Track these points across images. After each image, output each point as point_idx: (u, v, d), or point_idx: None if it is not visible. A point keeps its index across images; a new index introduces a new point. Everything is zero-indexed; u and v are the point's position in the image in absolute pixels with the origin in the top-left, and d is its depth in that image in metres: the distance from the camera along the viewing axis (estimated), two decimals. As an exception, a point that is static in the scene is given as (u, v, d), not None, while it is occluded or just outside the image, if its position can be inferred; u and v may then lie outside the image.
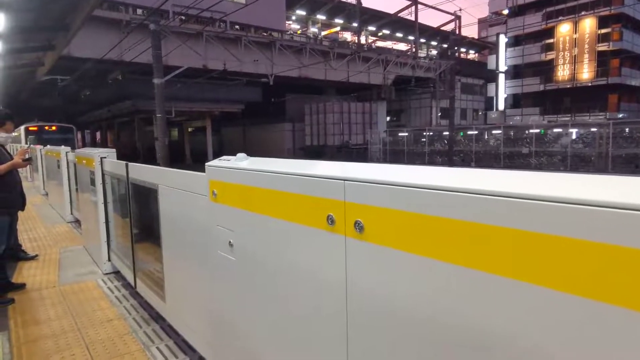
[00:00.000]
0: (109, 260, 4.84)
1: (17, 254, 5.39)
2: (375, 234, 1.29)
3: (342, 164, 1.66)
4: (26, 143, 17.75)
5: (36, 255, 5.58)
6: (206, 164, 2.26)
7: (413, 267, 1.20)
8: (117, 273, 4.77)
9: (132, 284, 4.09)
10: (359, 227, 1.34)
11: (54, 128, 23.67)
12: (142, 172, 3.57)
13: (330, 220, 1.45)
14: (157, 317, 3.56)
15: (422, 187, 1.16)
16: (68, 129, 24.39)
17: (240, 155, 2.13)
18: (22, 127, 22.29)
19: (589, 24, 35.71)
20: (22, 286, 4.41)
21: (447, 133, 28.40)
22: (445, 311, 1.13)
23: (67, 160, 7.76)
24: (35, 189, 12.13)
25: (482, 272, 1.04)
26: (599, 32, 35.23)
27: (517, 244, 0.97)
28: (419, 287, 1.19)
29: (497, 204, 1.01)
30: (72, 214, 7.95)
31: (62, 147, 8.19)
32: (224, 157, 2.26)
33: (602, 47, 35.34)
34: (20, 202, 4.48)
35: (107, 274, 4.80)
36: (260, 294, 1.92)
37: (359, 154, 30.98)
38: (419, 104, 41.75)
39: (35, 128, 22.70)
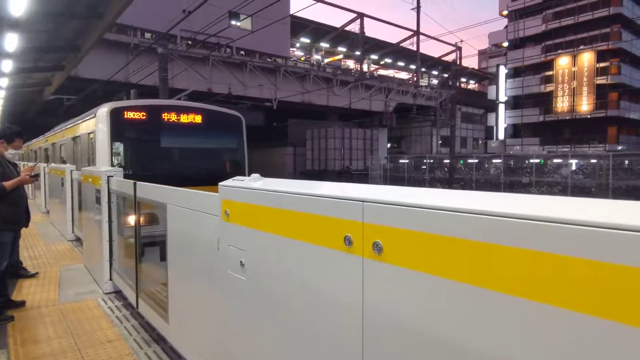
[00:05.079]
0: (111, 279, 4.79)
1: (17, 271, 5.35)
2: (395, 255, 1.30)
3: (359, 185, 1.68)
4: (111, 159, 7.27)
5: (36, 273, 5.53)
6: (219, 184, 2.28)
7: (434, 289, 1.20)
8: (117, 293, 4.72)
9: (134, 304, 4.04)
10: (377, 248, 1.35)
11: (197, 119, 8.26)
12: (151, 191, 3.58)
13: (348, 241, 1.45)
14: (158, 339, 3.51)
15: (444, 209, 1.18)
16: (233, 120, 9.23)
17: (255, 175, 2.15)
18: (105, 110, 7.34)
19: (587, 57, 36.41)
20: (22, 304, 4.36)
21: (447, 161, 28.60)
22: (466, 334, 1.13)
23: (71, 178, 7.78)
24: (37, 207, 12.10)
25: (505, 295, 1.04)
26: (598, 65, 35.91)
27: (541, 266, 0.98)
28: (440, 309, 1.19)
29: (520, 227, 1.02)
30: (73, 232, 7.92)
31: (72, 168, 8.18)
32: (237, 177, 2.28)
33: (601, 80, 35.95)
34: (24, 218, 4.48)
35: (107, 293, 4.75)
36: (272, 315, 1.90)
37: (360, 180, 31.06)
38: (419, 131, 42.18)
39: (142, 115, 7.69)
